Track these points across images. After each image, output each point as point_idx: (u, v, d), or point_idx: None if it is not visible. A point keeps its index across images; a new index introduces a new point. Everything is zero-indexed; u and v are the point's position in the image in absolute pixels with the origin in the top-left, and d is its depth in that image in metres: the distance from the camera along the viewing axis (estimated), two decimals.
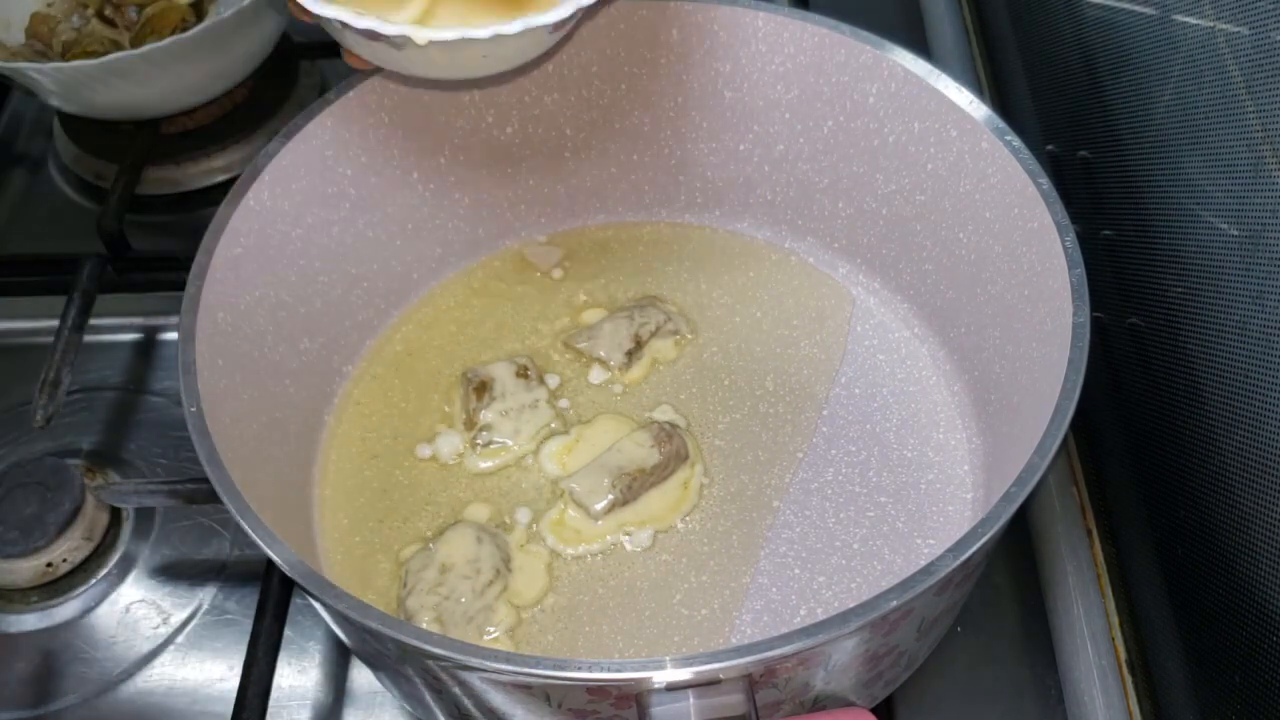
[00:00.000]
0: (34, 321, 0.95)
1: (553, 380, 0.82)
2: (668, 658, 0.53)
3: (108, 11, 1.03)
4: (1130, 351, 0.84)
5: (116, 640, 0.79)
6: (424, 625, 0.68)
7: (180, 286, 0.68)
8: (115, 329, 0.95)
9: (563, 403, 0.81)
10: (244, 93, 1.08)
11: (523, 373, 0.80)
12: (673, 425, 0.77)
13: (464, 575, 0.72)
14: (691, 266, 0.90)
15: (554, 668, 0.53)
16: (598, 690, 0.56)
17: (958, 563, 0.55)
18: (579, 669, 0.54)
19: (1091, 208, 0.89)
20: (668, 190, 0.90)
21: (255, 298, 0.73)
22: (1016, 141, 0.71)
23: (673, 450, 0.76)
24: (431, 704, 0.66)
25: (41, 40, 1.02)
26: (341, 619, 0.62)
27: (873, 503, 0.76)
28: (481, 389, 0.80)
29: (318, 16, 0.63)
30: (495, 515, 0.76)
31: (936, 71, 0.74)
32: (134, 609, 0.81)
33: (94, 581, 0.82)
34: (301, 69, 1.11)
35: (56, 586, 0.81)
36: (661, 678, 0.53)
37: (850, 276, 0.88)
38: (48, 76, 0.92)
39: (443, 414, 0.81)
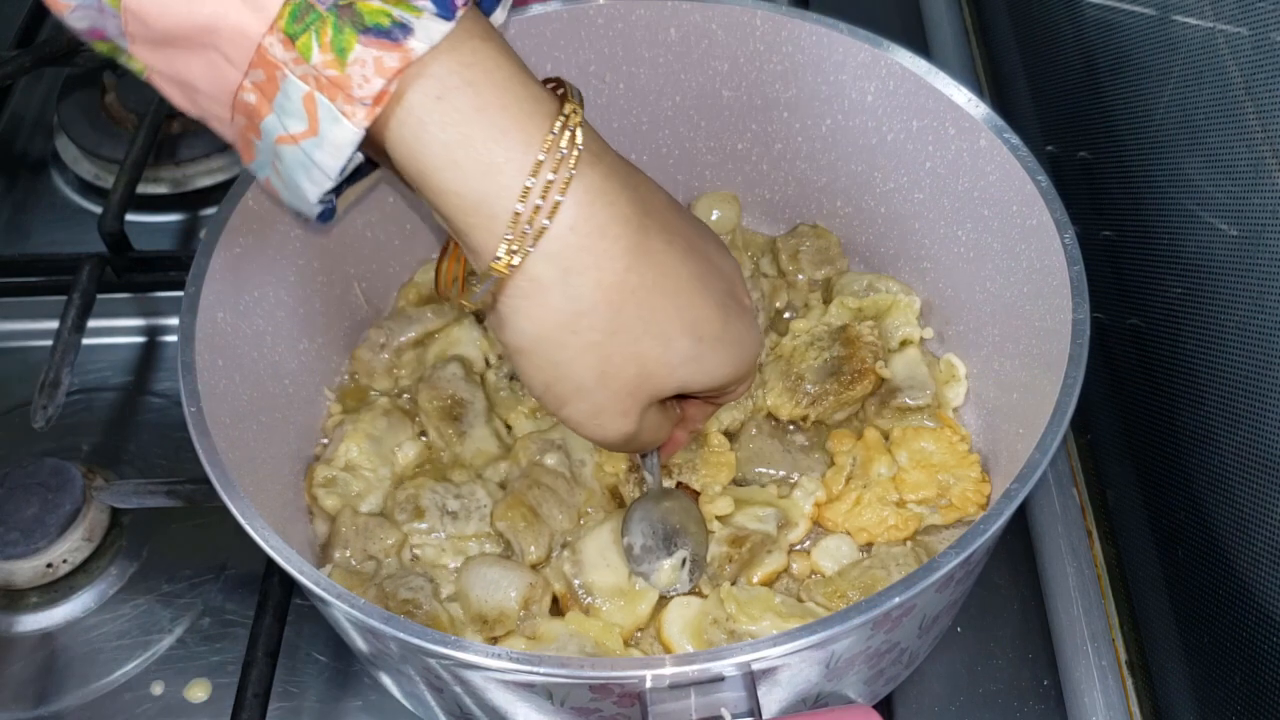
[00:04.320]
0: (34, 322, 0.95)
1: None
2: (669, 656, 0.53)
3: None
4: (1130, 351, 0.84)
5: (116, 641, 0.79)
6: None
7: (180, 286, 0.68)
8: (115, 330, 0.95)
9: None
10: None
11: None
12: None
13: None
14: None
15: (557, 666, 0.53)
16: (600, 688, 0.56)
17: (959, 559, 0.55)
18: (582, 667, 0.54)
19: (1091, 208, 0.89)
20: (665, 190, 0.90)
21: (254, 298, 0.73)
22: (1015, 139, 0.71)
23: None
24: (432, 703, 0.66)
25: None
26: (341, 618, 0.62)
27: None
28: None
29: None
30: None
31: (935, 70, 0.74)
32: (134, 609, 0.81)
33: (94, 582, 0.82)
34: None
35: (57, 587, 0.81)
36: (664, 675, 0.53)
37: None
38: None
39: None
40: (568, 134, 0.51)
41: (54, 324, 0.86)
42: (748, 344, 0.61)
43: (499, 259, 0.52)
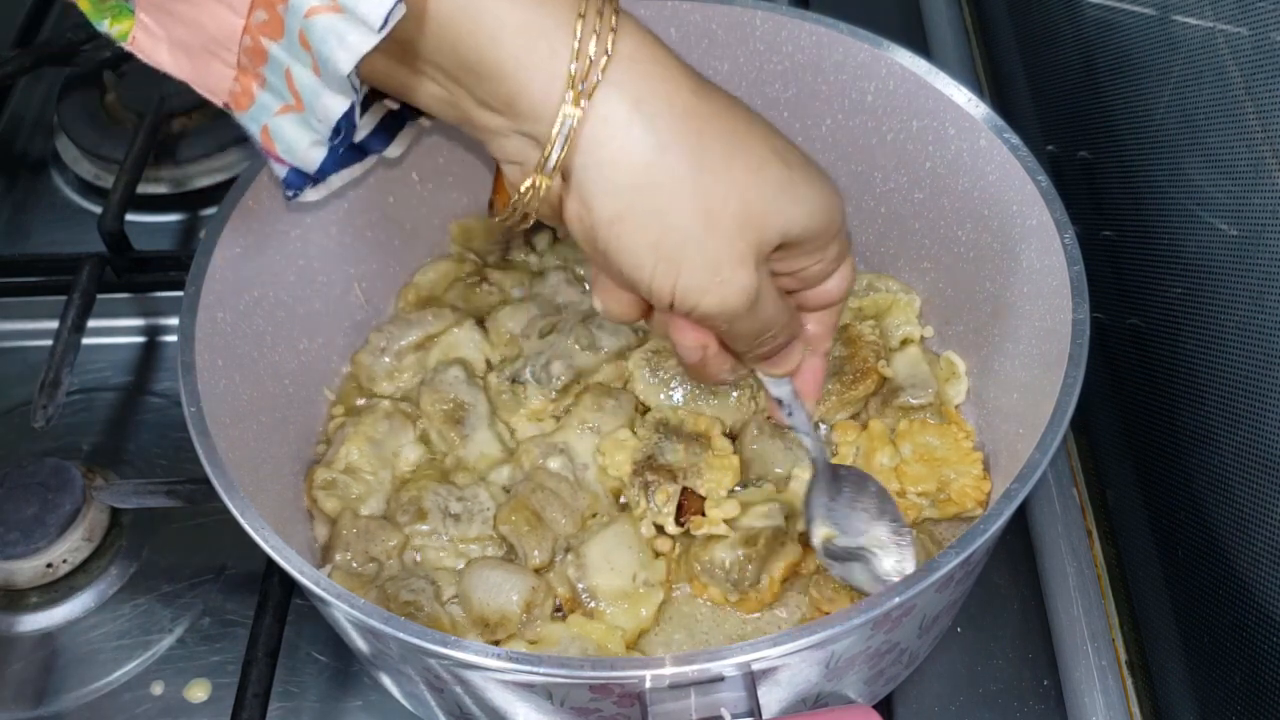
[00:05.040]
0: (34, 322, 0.95)
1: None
2: (669, 656, 0.53)
3: None
4: (1130, 351, 0.84)
5: (116, 641, 0.79)
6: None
7: (180, 286, 0.68)
8: (115, 330, 0.95)
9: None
10: None
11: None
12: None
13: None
14: None
15: (557, 666, 0.53)
16: (600, 688, 0.56)
17: (959, 559, 0.55)
18: (581, 667, 0.54)
19: (1091, 208, 0.89)
20: None
21: (254, 298, 0.73)
22: (1015, 139, 0.71)
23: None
24: (432, 703, 0.66)
25: None
26: (341, 619, 0.62)
27: None
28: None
29: None
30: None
31: (935, 70, 0.74)
32: (134, 609, 0.81)
33: (94, 582, 0.82)
34: None
35: (57, 587, 0.81)
36: (663, 676, 0.53)
37: None
38: None
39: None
40: None
41: (54, 324, 0.86)
42: (832, 187, 0.56)
43: (567, 100, 0.49)
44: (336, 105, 0.51)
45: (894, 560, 0.67)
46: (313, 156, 0.54)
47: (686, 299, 0.53)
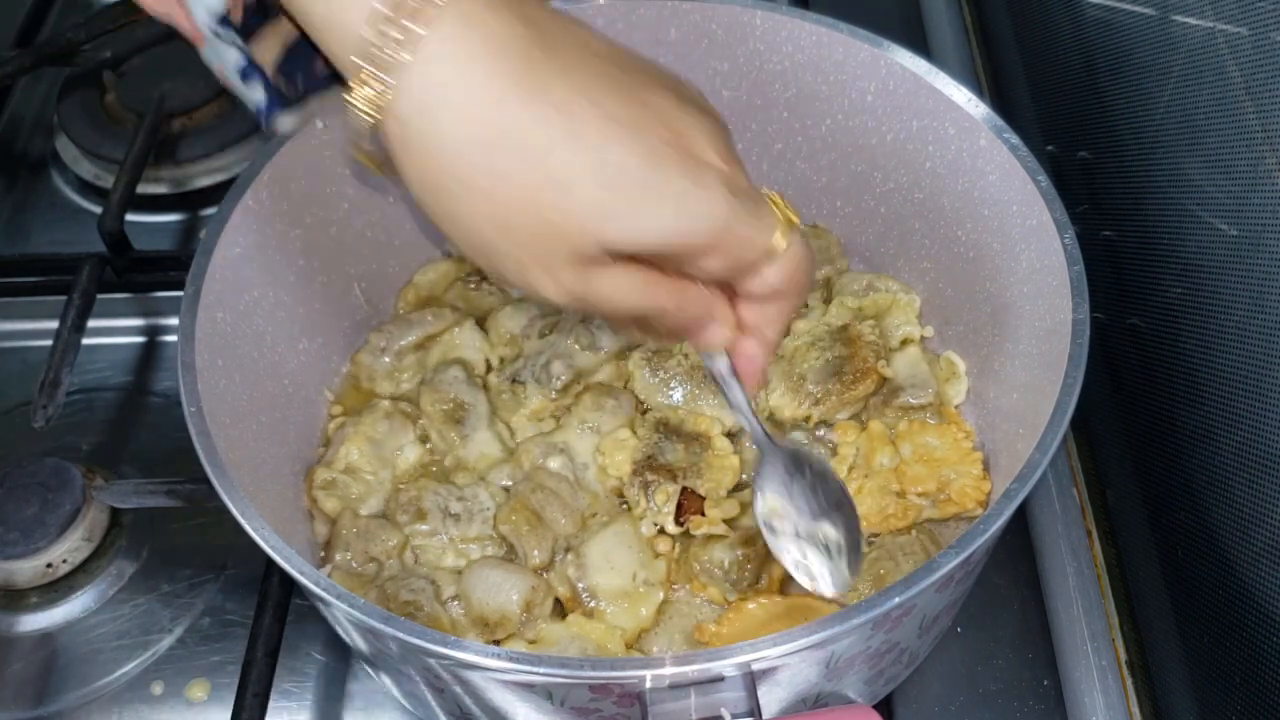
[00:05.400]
0: (34, 322, 0.95)
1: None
2: (668, 655, 0.53)
3: None
4: (1130, 351, 0.84)
5: (116, 641, 0.79)
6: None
7: (180, 286, 0.68)
8: (115, 329, 0.95)
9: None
10: None
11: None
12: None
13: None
14: None
15: (557, 666, 0.53)
16: (600, 688, 0.56)
17: (959, 559, 0.55)
18: (581, 667, 0.54)
19: (1091, 208, 0.89)
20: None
21: (254, 298, 0.73)
22: (1015, 139, 0.71)
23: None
24: (433, 703, 0.66)
25: None
26: (342, 618, 0.62)
27: None
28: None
29: None
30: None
31: (935, 70, 0.74)
32: (133, 609, 0.81)
33: (94, 582, 0.82)
34: None
35: (56, 587, 0.81)
36: (663, 676, 0.53)
37: None
38: None
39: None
40: None
41: (54, 324, 0.86)
42: (697, 201, 0.50)
43: (353, 91, 0.48)
44: (232, 56, 0.54)
45: (832, 564, 0.64)
46: (255, 97, 0.56)
47: (511, 285, 0.54)
